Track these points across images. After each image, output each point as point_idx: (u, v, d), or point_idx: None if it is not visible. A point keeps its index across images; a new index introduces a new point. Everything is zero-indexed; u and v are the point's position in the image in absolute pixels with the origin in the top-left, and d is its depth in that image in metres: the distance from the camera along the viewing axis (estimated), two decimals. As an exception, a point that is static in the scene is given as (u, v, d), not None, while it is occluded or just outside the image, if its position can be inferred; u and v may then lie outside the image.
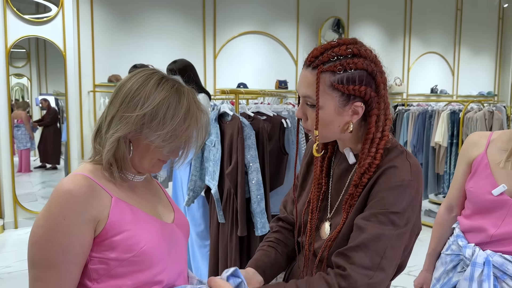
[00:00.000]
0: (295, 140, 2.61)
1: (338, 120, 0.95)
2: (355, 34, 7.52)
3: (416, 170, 0.92)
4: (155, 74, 0.94)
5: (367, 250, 0.84)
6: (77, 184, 0.85)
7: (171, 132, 0.88)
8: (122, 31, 5.45)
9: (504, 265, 1.21)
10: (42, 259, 0.83)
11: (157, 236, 0.92)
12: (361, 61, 0.90)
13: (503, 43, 9.84)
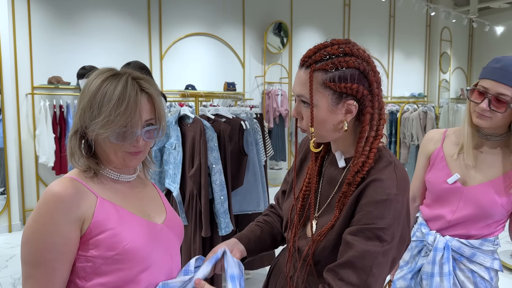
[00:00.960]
0: (253, 141, 2.68)
1: (332, 118, 0.95)
2: (297, 38, 7.78)
3: (403, 183, 0.92)
4: (103, 69, 0.97)
5: (354, 268, 0.86)
6: (63, 186, 0.89)
7: (106, 117, 0.89)
8: (62, 30, 5.20)
9: (461, 248, 1.36)
10: (32, 258, 0.88)
11: (142, 235, 0.95)
12: (353, 60, 0.91)
13: (430, 48, 10.68)
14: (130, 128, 0.92)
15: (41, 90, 5.05)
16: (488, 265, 1.36)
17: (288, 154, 7.73)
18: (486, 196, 1.30)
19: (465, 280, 1.36)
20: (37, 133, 4.81)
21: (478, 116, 1.29)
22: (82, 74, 3.10)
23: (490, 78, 1.27)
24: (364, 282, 0.85)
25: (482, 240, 1.35)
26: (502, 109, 1.22)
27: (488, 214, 1.32)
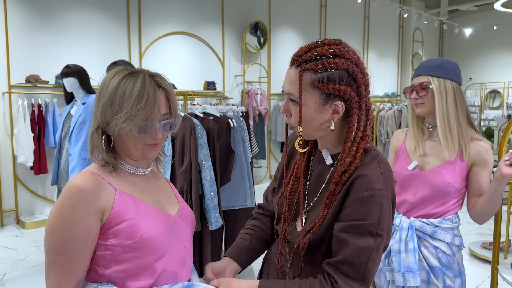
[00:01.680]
0: (240, 139, 2.76)
1: (319, 117, 0.97)
2: (276, 38, 7.90)
3: (387, 177, 0.96)
4: (118, 69, 1.03)
5: (352, 265, 0.92)
6: (84, 179, 0.95)
7: (128, 112, 0.95)
8: (40, 28, 5.12)
9: (423, 227, 1.53)
10: (55, 246, 0.93)
11: (158, 225, 1.01)
12: (342, 62, 0.93)
13: (403, 48, 11.02)
14: (150, 122, 0.98)
15: (19, 89, 4.96)
16: (449, 241, 1.51)
17: (268, 153, 7.84)
18: (439, 177, 1.50)
19: (429, 255, 1.52)
20: (15, 132, 4.73)
21: (415, 106, 1.57)
22: (66, 73, 3.10)
23: (413, 76, 1.60)
24: (362, 276, 0.92)
25: (441, 219, 1.51)
26: (425, 92, 1.52)
27: (442, 193, 1.50)
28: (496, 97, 11.32)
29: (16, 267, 3.64)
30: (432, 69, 1.52)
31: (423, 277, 1.53)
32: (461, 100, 1.53)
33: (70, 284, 0.94)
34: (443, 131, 1.49)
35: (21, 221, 4.91)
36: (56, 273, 0.93)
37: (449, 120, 1.49)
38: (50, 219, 0.94)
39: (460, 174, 1.50)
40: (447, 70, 1.53)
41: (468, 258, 3.90)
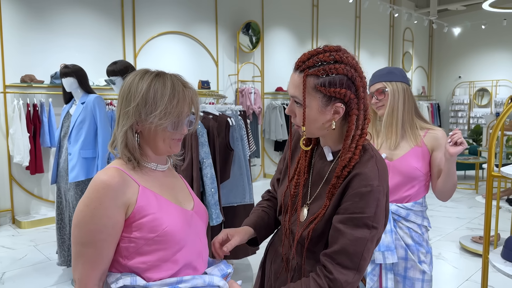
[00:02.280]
0: (239, 137, 2.82)
1: (321, 118, 1.06)
2: (269, 37, 7.97)
3: (383, 175, 1.05)
4: (140, 71, 1.11)
5: (348, 254, 0.99)
6: (110, 175, 1.01)
7: (164, 110, 1.03)
8: (34, 28, 5.12)
9: (398, 210, 1.72)
10: (83, 238, 0.99)
11: (177, 220, 1.07)
12: (342, 67, 1.01)
13: (394, 47, 11.17)
14: (181, 118, 1.08)
15: (14, 88, 4.96)
16: (419, 222, 1.75)
17: (262, 151, 7.91)
18: (405, 164, 1.72)
19: (404, 235, 1.73)
20: (11, 132, 4.73)
21: (377, 109, 1.81)
22: (65, 73, 3.13)
23: (370, 85, 1.83)
24: (357, 266, 0.99)
25: (413, 203, 1.73)
26: (383, 95, 1.77)
27: (410, 178, 1.72)
28: (485, 95, 11.53)
29: (15, 266, 3.66)
30: (384, 76, 1.78)
31: (401, 254, 1.73)
32: (410, 97, 1.78)
33: (96, 274, 1.00)
34: (387, 124, 1.77)
35: (17, 220, 4.92)
36: (83, 263, 0.99)
37: (396, 116, 1.75)
38: (77, 213, 1.00)
39: (423, 159, 1.73)
40: (396, 75, 1.78)
41: (459, 252, 4.01)
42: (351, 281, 0.99)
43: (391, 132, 1.77)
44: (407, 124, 1.76)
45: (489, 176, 1.72)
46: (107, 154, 3.17)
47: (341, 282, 0.98)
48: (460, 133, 1.58)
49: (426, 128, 1.78)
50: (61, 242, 3.25)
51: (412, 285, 1.72)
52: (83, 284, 1.00)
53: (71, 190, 3.14)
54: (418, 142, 1.75)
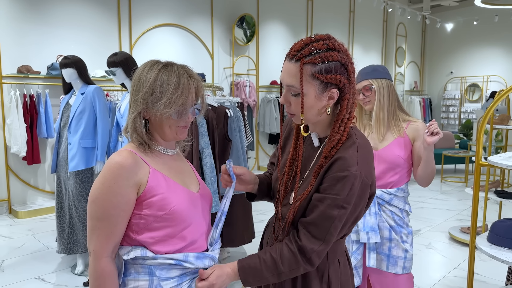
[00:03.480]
0: (237, 128, 2.90)
1: (317, 104, 1.11)
2: (264, 31, 8.01)
3: (363, 160, 1.10)
4: (150, 62, 1.18)
5: (317, 226, 1.10)
6: (124, 157, 1.10)
7: (168, 99, 1.10)
8: (31, 19, 5.12)
9: (382, 195, 1.89)
10: (98, 213, 1.08)
11: (184, 200, 1.16)
12: (336, 54, 1.06)
13: (387, 42, 11.27)
14: (186, 107, 1.15)
15: (10, 79, 4.97)
16: (401, 207, 1.91)
17: (256, 144, 7.98)
18: (390, 153, 1.88)
19: (387, 218, 1.91)
20: (8, 122, 4.75)
21: (364, 105, 1.95)
22: (65, 64, 3.16)
23: (356, 82, 1.93)
24: (324, 237, 1.10)
25: (396, 189, 1.90)
26: (369, 92, 1.90)
27: (394, 165, 1.88)
28: (476, 90, 11.70)
29: (13, 254, 3.71)
30: (369, 74, 1.92)
31: (386, 234, 1.90)
32: (394, 92, 1.93)
33: (110, 246, 1.09)
34: (376, 119, 1.91)
35: (14, 210, 4.96)
36: (98, 236, 1.08)
37: (383, 110, 1.90)
38: (93, 190, 1.09)
39: (405, 148, 1.89)
40: (380, 72, 1.92)
41: (448, 242, 4.14)
42: (316, 249, 1.10)
43: (379, 125, 1.91)
44: (391, 117, 1.92)
45: (477, 165, 1.81)
46: (106, 143, 3.23)
47: (307, 249, 1.10)
48: (436, 124, 1.72)
49: (408, 120, 1.94)
50: (60, 230, 3.30)
51: (396, 262, 1.88)
52: (98, 255, 1.08)
53: (70, 179, 3.19)
54: (401, 133, 1.90)
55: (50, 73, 5.11)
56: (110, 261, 1.09)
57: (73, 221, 3.27)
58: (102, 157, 3.20)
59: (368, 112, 2.03)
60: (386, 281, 1.89)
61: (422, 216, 5.07)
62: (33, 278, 3.22)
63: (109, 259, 1.09)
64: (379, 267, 1.90)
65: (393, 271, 1.88)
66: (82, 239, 3.25)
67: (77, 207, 3.20)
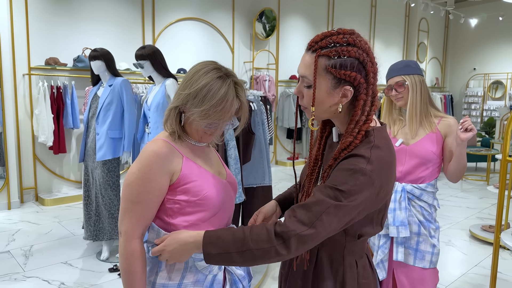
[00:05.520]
0: (260, 121, 2.94)
1: (329, 100, 1.05)
2: (285, 25, 8.01)
3: (376, 163, 1.00)
4: (212, 65, 1.20)
5: (308, 210, 0.98)
6: (159, 146, 1.16)
7: (205, 110, 1.12)
8: (58, 13, 5.26)
9: (412, 190, 1.92)
10: (133, 196, 1.14)
11: (215, 187, 1.22)
12: (354, 50, 1.01)
13: (408, 37, 11.11)
14: (220, 123, 1.18)
15: (38, 71, 5.12)
16: (430, 202, 1.94)
17: (274, 138, 8.02)
18: (421, 148, 1.90)
19: (416, 212, 1.93)
20: (36, 112, 4.91)
21: (396, 101, 1.96)
22: (94, 56, 3.26)
23: (388, 78, 1.98)
24: (312, 223, 0.97)
25: (426, 184, 1.92)
26: (402, 88, 1.91)
27: (426, 160, 1.90)
28: (499, 87, 11.46)
29: (41, 240, 3.86)
30: (402, 69, 1.92)
31: (415, 229, 1.92)
32: (425, 88, 1.94)
33: (140, 228, 1.15)
34: (410, 116, 1.93)
35: (41, 198, 5.12)
36: (131, 217, 1.14)
37: (416, 107, 1.91)
38: (129, 174, 1.15)
39: (437, 143, 1.91)
40: (412, 68, 1.93)
41: (468, 240, 4.12)
42: (299, 232, 0.97)
43: (412, 122, 1.93)
44: (423, 113, 1.93)
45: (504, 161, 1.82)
46: (132, 134, 3.32)
47: (287, 229, 0.98)
48: (470, 120, 1.72)
49: (439, 116, 1.96)
50: (87, 218, 3.42)
51: (423, 257, 1.90)
52: (128, 236, 1.14)
53: (98, 168, 3.30)
54: (433, 129, 1.92)
55: (76, 65, 5.25)
56: (139, 242, 1.15)
57: (99, 209, 3.38)
58: (128, 148, 3.29)
59: (397, 107, 2.04)
60: (412, 275, 1.91)
61: (442, 214, 5.04)
62: (61, 263, 3.35)
63: (139, 240, 1.15)
64: (406, 261, 1.93)
65: (420, 265, 1.90)
66: (108, 227, 3.36)
67: (104, 195, 3.31)
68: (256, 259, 0.99)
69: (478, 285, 3.12)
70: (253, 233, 1.00)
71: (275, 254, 0.97)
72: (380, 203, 1.05)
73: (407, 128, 1.97)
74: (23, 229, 4.16)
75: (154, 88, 3.12)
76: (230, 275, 1.26)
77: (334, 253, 1.12)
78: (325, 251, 1.13)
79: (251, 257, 0.99)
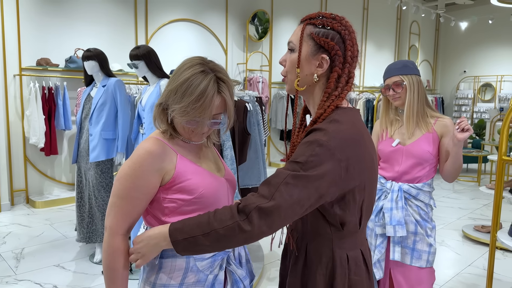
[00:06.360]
0: (255, 122, 2.93)
1: (306, 67, 1.10)
2: (278, 27, 8.02)
3: (333, 134, 1.02)
4: (196, 60, 1.17)
5: (268, 184, 1.00)
6: (151, 144, 1.14)
7: (184, 107, 1.09)
8: (50, 13, 5.21)
9: (409, 189, 1.93)
10: (120, 192, 1.12)
11: (212, 184, 1.20)
12: (338, 24, 1.09)
13: (400, 40, 11.21)
14: (200, 120, 1.13)
15: (30, 71, 5.06)
16: (427, 202, 1.95)
17: (268, 140, 8.01)
18: (418, 148, 1.91)
19: (413, 212, 1.94)
20: (27, 114, 4.84)
21: (393, 100, 1.97)
22: (87, 56, 3.22)
23: (386, 77, 1.98)
24: (271, 195, 0.97)
25: (423, 183, 1.93)
26: (400, 88, 1.92)
27: (422, 160, 1.91)
28: (489, 90, 11.60)
29: (33, 243, 3.80)
30: (400, 69, 1.93)
31: (411, 228, 1.93)
32: (422, 88, 1.95)
33: (126, 224, 1.14)
34: (407, 116, 1.94)
35: (32, 200, 5.06)
36: (116, 213, 1.13)
37: (413, 107, 1.92)
38: (121, 170, 1.14)
39: (433, 143, 1.92)
40: (410, 68, 1.94)
41: (461, 240, 4.15)
42: (259, 204, 0.97)
43: (409, 122, 1.93)
44: (420, 114, 1.94)
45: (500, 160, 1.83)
46: (126, 135, 3.29)
47: (248, 203, 0.98)
48: (466, 121, 1.74)
49: (436, 117, 1.96)
50: (80, 220, 3.38)
51: (420, 256, 1.91)
52: (113, 231, 1.13)
53: (91, 169, 3.26)
54: (429, 129, 1.92)
55: (68, 66, 5.19)
56: (123, 238, 1.14)
57: (92, 210, 3.34)
58: (122, 149, 3.26)
59: (394, 107, 2.05)
60: (409, 274, 1.92)
61: (435, 214, 5.07)
62: (53, 266, 3.30)
63: (123, 237, 1.14)
64: (403, 261, 1.93)
65: (417, 264, 1.90)
66: (101, 229, 3.32)
67: (97, 197, 3.27)
68: (221, 240, 0.98)
69: (472, 284, 3.14)
70: (217, 214, 1.00)
71: (239, 230, 0.96)
72: (353, 182, 1.04)
73: (403, 128, 1.98)
74: (14, 232, 4.09)
75: (149, 88, 3.10)
76: (231, 275, 1.25)
77: (322, 247, 1.12)
78: (313, 245, 1.14)
79: (216, 238, 0.98)
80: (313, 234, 1.13)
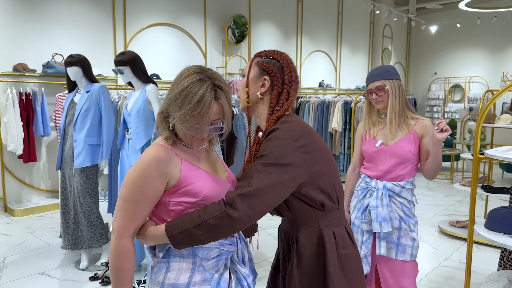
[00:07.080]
0: (241, 125, 3.00)
1: (253, 87, 1.37)
2: (256, 32, 8.12)
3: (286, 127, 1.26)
4: (194, 69, 1.23)
5: (243, 178, 1.21)
6: (157, 150, 1.20)
7: (183, 115, 1.16)
8: (26, 18, 5.12)
9: (393, 188, 2.04)
10: (126, 195, 1.18)
11: (215, 187, 1.26)
12: (277, 55, 1.38)
13: (373, 43, 11.51)
14: (200, 126, 1.19)
15: (6, 77, 4.96)
16: (409, 199, 2.06)
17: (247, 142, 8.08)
18: (400, 148, 2.02)
19: (397, 209, 2.05)
20: (5, 120, 4.75)
21: (376, 104, 2.08)
22: (70, 62, 3.21)
23: (368, 82, 2.10)
24: (248, 184, 1.17)
25: (405, 181, 2.05)
26: (383, 92, 2.03)
27: (404, 159, 2.03)
28: (458, 91, 12.05)
29: (14, 251, 3.74)
30: (382, 74, 2.05)
31: (396, 224, 2.04)
32: (403, 92, 2.07)
33: (132, 227, 1.19)
34: (390, 118, 2.04)
35: (10, 208, 4.95)
36: (123, 216, 1.18)
37: (396, 110, 2.03)
38: (127, 175, 1.20)
39: (414, 144, 2.03)
40: (391, 73, 2.06)
41: (438, 235, 4.33)
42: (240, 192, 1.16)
43: (392, 124, 2.05)
44: (401, 116, 2.06)
45: (475, 158, 1.96)
46: (111, 141, 3.29)
47: (232, 194, 1.17)
48: (445, 121, 1.85)
49: (416, 118, 2.08)
50: (65, 227, 3.35)
51: (404, 250, 2.02)
52: (120, 233, 1.18)
53: (76, 176, 3.24)
54: (410, 130, 2.04)
55: (45, 71, 5.12)
56: (130, 241, 1.19)
57: (77, 217, 3.33)
58: (107, 154, 3.26)
59: (376, 109, 2.16)
60: (394, 268, 2.03)
61: (411, 212, 5.26)
62: (38, 274, 3.26)
63: (129, 239, 1.19)
64: (389, 255, 2.04)
65: (402, 258, 2.01)
66: (87, 235, 3.31)
67: (82, 203, 3.26)
68: (213, 229, 1.13)
69: (450, 277, 3.30)
70: (206, 208, 1.16)
71: (228, 217, 1.13)
72: (317, 165, 1.26)
73: (386, 130, 2.09)
74: (-7, 241, 4.01)
75: (134, 93, 3.11)
76: (235, 273, 1.31)
77: (311, 228, 1.32)
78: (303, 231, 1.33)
79: (208, 228, 1.13)
80: (301, 221, 1.33)
